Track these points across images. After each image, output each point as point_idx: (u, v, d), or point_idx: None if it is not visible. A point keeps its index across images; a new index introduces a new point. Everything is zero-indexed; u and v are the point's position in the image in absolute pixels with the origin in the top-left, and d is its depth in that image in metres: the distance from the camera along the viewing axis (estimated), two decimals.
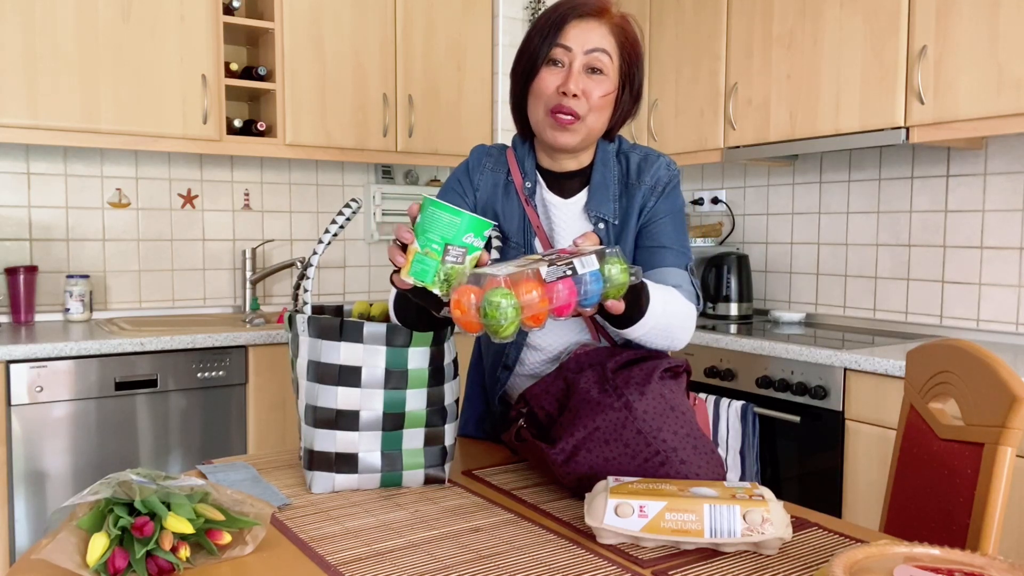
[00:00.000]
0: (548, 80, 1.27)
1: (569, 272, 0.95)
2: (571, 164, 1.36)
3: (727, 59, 2.79)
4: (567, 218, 1.35)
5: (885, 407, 2.08)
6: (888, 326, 2.71)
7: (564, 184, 1.37)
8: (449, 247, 0.95)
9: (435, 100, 3.19)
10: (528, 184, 1.35)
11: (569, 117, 1.26)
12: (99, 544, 0.86)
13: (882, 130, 2.32)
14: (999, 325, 2.42)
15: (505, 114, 3.34)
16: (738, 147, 2.76)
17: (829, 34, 2.45)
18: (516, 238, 1.35)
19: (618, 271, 0.98)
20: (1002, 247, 2.40)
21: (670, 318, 1.18)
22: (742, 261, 2.96)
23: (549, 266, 0.95)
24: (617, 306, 1.01)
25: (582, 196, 1.36)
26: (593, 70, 1.26)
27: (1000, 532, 1.07)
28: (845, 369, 2.17)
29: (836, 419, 2.19)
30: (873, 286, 2.76)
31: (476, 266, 0.98)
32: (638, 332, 1.16)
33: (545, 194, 1.36)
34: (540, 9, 3.40)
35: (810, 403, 2.26)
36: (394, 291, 1.16)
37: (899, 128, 2.28)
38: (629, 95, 1.33)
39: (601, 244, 1.03)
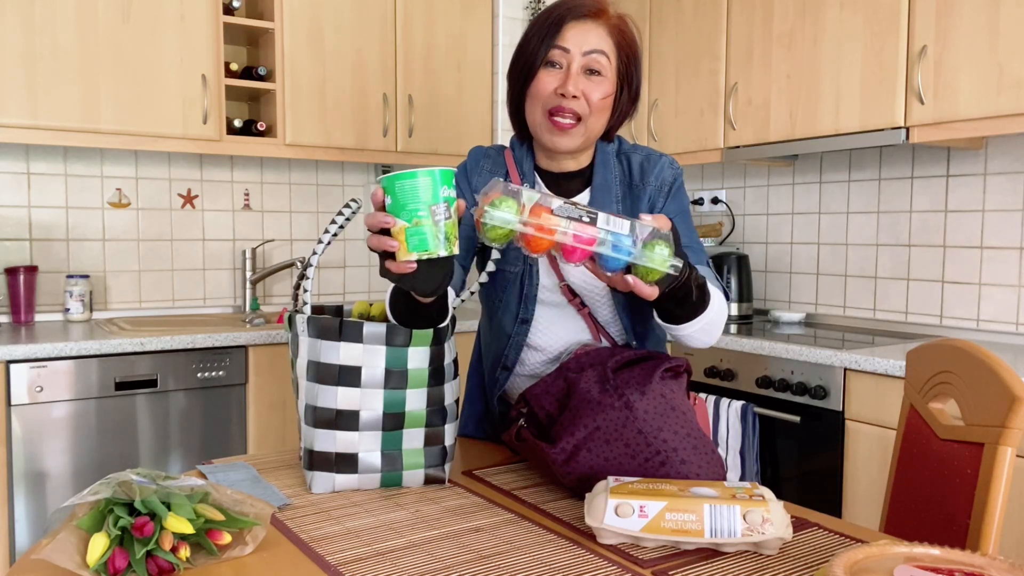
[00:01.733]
0: (546, 82, 1.26)
1: (586, 219, 0.95)
2: (570, 164, 1.36)
3: (727, 59, 2.79)
4: None
5: (885, 407, 2.08)
6: (888, 326, 2.71)
7: (563, 185, 1.36)
8: (433, 208, 0.94)
9: (435, 100, 3.19)
10: (527, 185, 1.35)
11: (568, 120, 1.26)
12: (99, 544, 0.86)
13: (882, 130, 2.32)
14: (999, 325, 2.42)
15: (505, 114, 3.34)
16: (738, 147, 2.76)
17: (829, 34, 2.45)
18: None
19: (658, 253, 0.97)
20: (1002, 247, 2.40)
21: (716, 315, 1.18)
22: (742, 261, 2.96)
23: (565, 203, 0.95)
24: (645, 290, 1.01)
25: (582, 197, 1.35)
26: (591, 72, 1.26)
27: (1000, 532, 1.07)
28: (845, 369, 2.17)
29: (836, 419, 2.19)
30: (873, 286, 2.76)
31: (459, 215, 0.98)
32: (690, 329, 1.15)
33: None
34: (540, 9, 3.40)
35: (810, 403, 2.26)
36: (389, 290, 1.16)
37: (899, 128, 2.28)
38: (627, 96, 1.33)
39: (673, 229, 1.02)
